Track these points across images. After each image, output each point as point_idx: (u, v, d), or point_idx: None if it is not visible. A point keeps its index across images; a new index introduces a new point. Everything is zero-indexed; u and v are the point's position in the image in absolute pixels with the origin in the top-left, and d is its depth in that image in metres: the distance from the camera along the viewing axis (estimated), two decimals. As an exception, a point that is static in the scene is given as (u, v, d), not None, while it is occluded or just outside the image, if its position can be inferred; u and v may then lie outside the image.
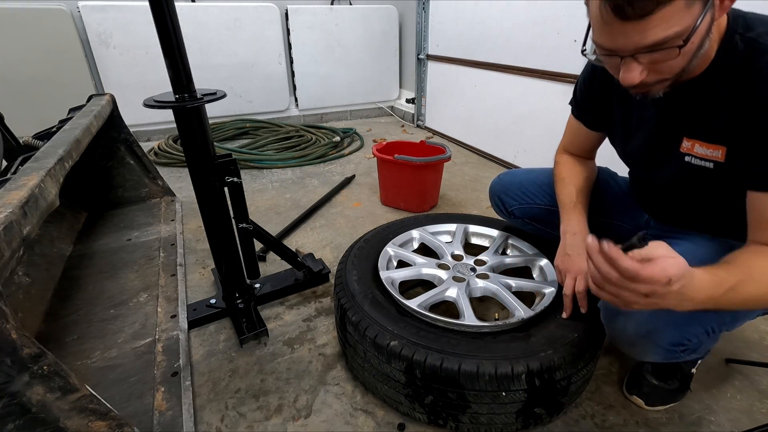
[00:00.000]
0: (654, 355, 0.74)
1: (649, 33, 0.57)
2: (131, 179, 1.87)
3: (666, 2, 0.54)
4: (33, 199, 0.74)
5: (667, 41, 0.57)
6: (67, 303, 1.22)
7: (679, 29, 0.57)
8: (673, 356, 0.74)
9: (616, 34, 0.59)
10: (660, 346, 0.72)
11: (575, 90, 1.00)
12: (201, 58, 2.88)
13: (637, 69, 0.62)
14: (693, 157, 0.74)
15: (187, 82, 0.93)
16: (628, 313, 0.74)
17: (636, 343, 0.74)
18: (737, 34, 0.65)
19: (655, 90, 0.67)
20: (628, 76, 0.62)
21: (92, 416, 0.62)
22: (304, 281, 1.37)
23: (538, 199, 1.15)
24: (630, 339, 0.75)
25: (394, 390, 0.90)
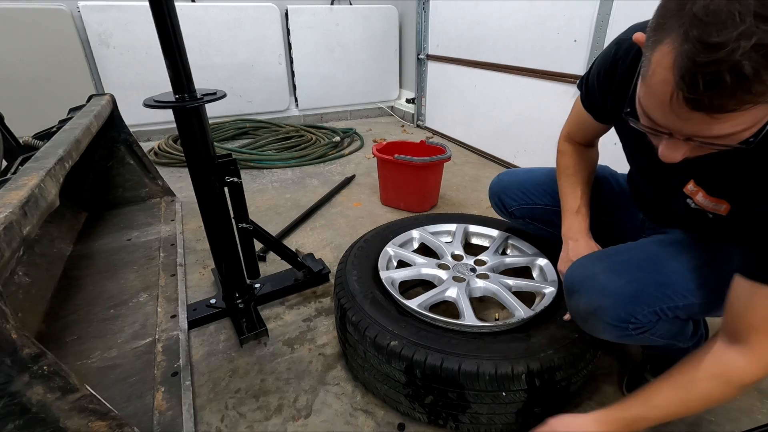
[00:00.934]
0: (604, 332, 0.77)
1: (716, 126, 0.48)
2: (131, 179, 1.87)
3: (751, 105, 0.45)
4: (33, 199, 0.74)
5: (728, 135, 0.49)
6: (67, 303, 1.22)
7: (748, 125, 0.48)
8: (624, 333, 0.75)
9: (677, 118, 0.50)
10: (607, 323, 0.74)
11: (587, 77, 0.93)
12: (201, 58, 2.88)
13: (682, 150, 0.55)
14: (691, 199, 0.73)
15: (187, 82, 0.93)
16: (580, 290, 0.78)
17: (587, 319, 0.78)
18: None
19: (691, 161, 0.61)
20: (670, 155, 0.56)
21: (92, 416, 0.62)
22: (304, 281, 1.37)
23: (539, 200, 1.15)
24: (582, 315, 0.78)
25: (394, 390, 0.90)
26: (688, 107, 0.48)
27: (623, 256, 0.79)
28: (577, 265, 0.82)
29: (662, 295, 0.73)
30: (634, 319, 0.73)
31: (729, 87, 0.43)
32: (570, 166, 1.03)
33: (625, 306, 0.72)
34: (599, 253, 0.84)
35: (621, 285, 0.73)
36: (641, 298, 0.72)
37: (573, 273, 0.82)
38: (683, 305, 0.74)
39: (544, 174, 1.17)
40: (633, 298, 0.72)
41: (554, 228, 1.16)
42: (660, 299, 0.73)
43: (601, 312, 0.74)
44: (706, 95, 0.45)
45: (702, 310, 0.77)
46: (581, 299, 0.78)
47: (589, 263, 0.80)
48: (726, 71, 0.43)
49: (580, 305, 0.78)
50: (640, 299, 0.72)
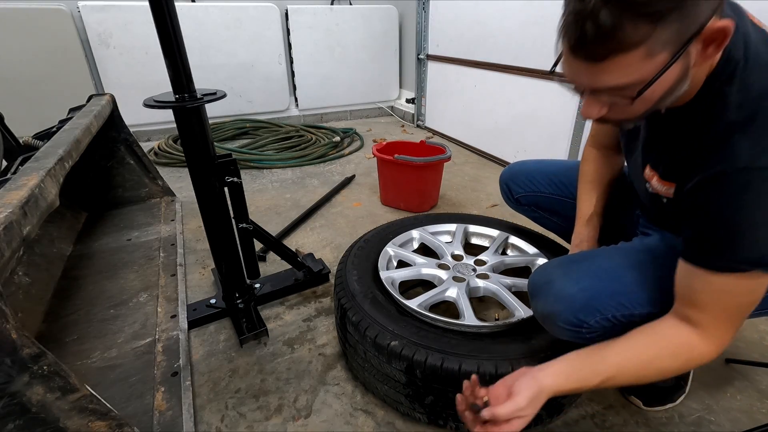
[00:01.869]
0: (560, 333, 0.79)
1: (601, 77, 0.55)
2: (131, 179, 1.87)
3: (620, 52, 0.50)
4: (33, 199, 0.74)
5: (621, 87, 0.55)
6: (67, 303, 1.22)
7: (636, 78, 0.53)
8: (577, 336, 0.77)
9: (572, 69, 0.58)
10: (560, 326, 0.77)
11: None
12: (201, 58, 2.88)
13: (596, 106, 0.61)
14: (650, 186, 0.75)
15: (187, 82, 0.93)
16: (539, 294, 0.81)
17: (545, 321, 0.81)
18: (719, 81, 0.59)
19: (625, 125, 0.68)
20: (587, 110, 0.62)
21: (92, 416, 0.62)
22: (304, 281, 1.37)
23: (544, 188, 1.16)
24: (540, 317, 0.82)
25: (394, 390, 0.90)
26: (571, 57, 0.56)
27: (583, 264, 0.81)
28: (540, 269, 0.86)
29: (616, 304, 0.74)
30: (586, 325, 0.75)
31: (593, 36, 0.50)
32: (589, 173, 1.05)
33: (576, 312, 0.75)
34: (562, 259, 0.86)
35: (574, 293, 0.76)
36: (592, 305, 0.74)
37: (535, 277, 0.85)
38: (639, 314, 0.74)
39: (554, 165, 1.18)
40: (584, 306, 0.75)
41: (558, 217, 1.17)
42: (613, 307, 0.74)
43: (554, 317, 0.78)
44: (579, 45, 0.53)
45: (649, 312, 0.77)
46: (539, 302, 0.82)
47: (550, 269, 0.83)
48: (588, 20, 0.50)
49: (538, 308, 0.82)
50: (591, 307, 0.74)
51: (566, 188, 1.13)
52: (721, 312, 0.63)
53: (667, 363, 0.66)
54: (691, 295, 0.64)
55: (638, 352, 0.67)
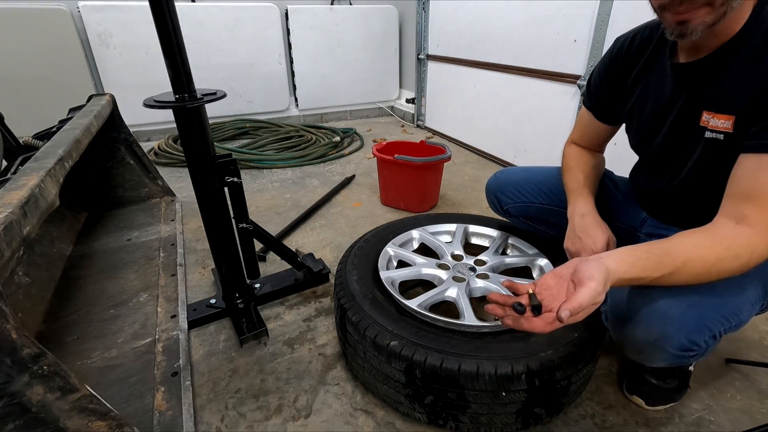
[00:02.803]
0: (662, 360, 0.73)
1: None
2: (131, 179, 1.87)
3: None
4: (33, 199, 0.74)
5: None
6: (67, 303, 1.22)
7: None
8: (681, 361, 0.73)
9: None
10: (669, 351, 0.70)
11: (589, 82, 1.01)
12: (201, 58, 2.88)
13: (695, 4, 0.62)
14: (708, 130, 0.74)
15: (187, 82, 0.93)
16: (636, 319, 0.72)
17: (644, 349, 0.73)
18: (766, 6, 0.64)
19: (696, 19, 0.65)
20: (687, 13, 0.63)
21: (92, 416, 0.62)
22: (304, 281, 1.37)
23: (534, 198, 1.16)
24: (639, 345, 0.73)
25: (394, 390, 0.90)
26: None
27: None
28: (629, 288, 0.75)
29: (720, 317, 0.70)
30: (696, 346, 0.69)
31: None
32: (574, 162, 1.05)
33: (690, 334, 0.68)
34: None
35: (683, 311, 0.68)
36: (703, 323, 0.69)
37: (624, 297, 0.75)
38: (735, 324, 0.72)
39: (540, 173, 1.18)
40: (697, 324, 0.68)
41: (548, 227, 1.17)
42: (719, 321, 0.70)
43: (663, 341, 0.69)
44: None
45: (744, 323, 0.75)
46: (637, 328, 0.72)
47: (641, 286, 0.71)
48: None
49: (637, 334, 0.72)
50: (701, 325, 0.68)
51: (555, 197, 1.12)
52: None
53: (728, 264, 0.64)
54: (754, 191, 0.64)
55: (704, 252, 0.65)
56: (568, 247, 0.97)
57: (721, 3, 0.63)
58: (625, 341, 0.77)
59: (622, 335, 0.77)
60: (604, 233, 0.92)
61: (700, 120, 0.75)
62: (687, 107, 0.78)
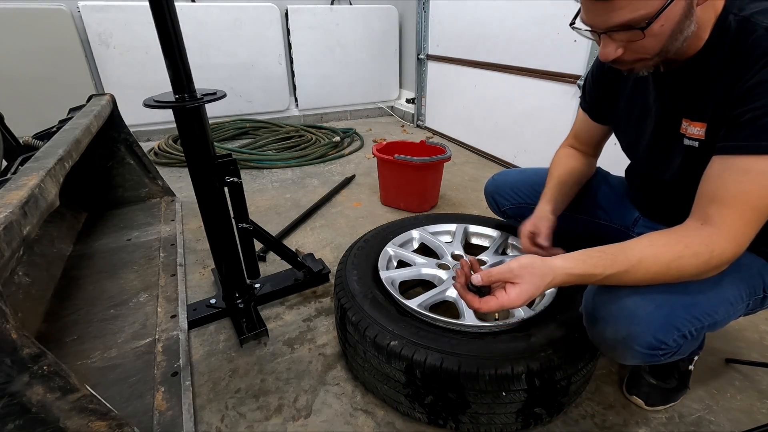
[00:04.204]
0: (633, 358, 0.73)
1: (614, 14, 0.61)
2: (131, 179, 1.87)
3: None
4: (33, 199, 0.74)
5: (632, 23, 0.61)
6: (67, 303, 1.22)
7: (645, 12, 0.60)
8: (652, 359, 0.73)
9: (590, 12, 0.65)
10: (637, 350, 0.71)
11: (584, 83, 1.03)
12: (201, 58, 2.88)
13: (612, 46, 0.66)
14: (686, 138, 0.75)
15: (187, 82, 0.93)
16: (605, 318, 0.73)
17: (615, 347, 0.73)
18: (731, 14, 0.65)
19: (638, 67, 0.70)
20: (604, 51, 0.67)
21: (92, 416, 0.62)
22: (304, 281, 1.37)
23: (529, 199, 1.17)
24: (609, 343, 0.74)
25: (394, 390, 0.90)
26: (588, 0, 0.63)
27: None
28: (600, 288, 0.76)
29: (690, 317, 0.70)
30: (664, 345, 0.70)
31: None
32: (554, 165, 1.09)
33: (656, 333, 0.69)
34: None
35: (651, 311, 0.69)
36: (671, 323, 0.69)
37: (595, 297, 0.76)
38: (708, 324, 0.72)
39: (536, 174, 1.19)
40: (663, 325, 0.69)
41: None
42: (689, 321, 0.70)
43: (630, 340, 0.70)
44: None
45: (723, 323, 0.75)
46: (607, 327, 0.73)
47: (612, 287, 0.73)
48: None
49: (606, 333, 0.73)
50: (669, 324, 0.69)
51: None
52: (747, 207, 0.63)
53: (687, 262, 0.65)
54: (720, 191, 0.65)
55: (660, 251, 0.66)
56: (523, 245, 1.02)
57: (656, 53, 0.66)
58: (597, 339, 0.78)
59: (594, 333, 0.78)
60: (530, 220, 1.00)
61: (680, 127, 0.76)
62: (667, 114, 0.79)
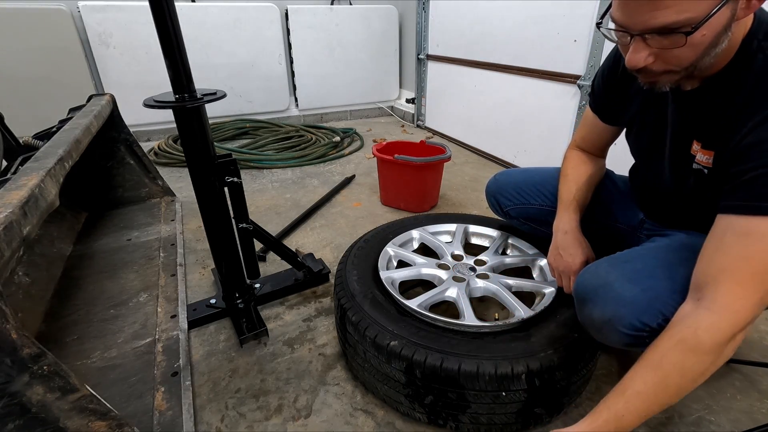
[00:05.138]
0: (618, 340, 0.75)
1: (659, 13, 0.57)
2: (131, 179, 1.87)
3: None
4: (33, 199, 0.74)
5: (676, 26, 0.57)
6: (67, 303, 1.22)
7: (691, 16, 0.56)
8: (637, 342, 0.74)
9: (627, 9, 0.60)
10: (621, 331, 0.73)
11: (593, 82, 1.00)
12: (201, 58, 2.87)
13: (645, 51, 0.62)
14: (695, 162, 0.75)
15: (187, 82, 0.93)
16: (594, 300, 0.77)
17: (602, 328, 0.76)
18: (756, 39, 0.63)
19: (662, 81, 0.67)
20: (634, 57, 0.63)
21: (92, 416, 0.62)
22: (304, 281, 1.37)
23: (533, 200, 1.16)
24: (596, 324, 0.77)
25: (394, 390, 0.90)
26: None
27: (636, 263, 0.78)
28: (590, 272, 0.80)
29: (675, 303, 0.71)
30: (648, 328, 0.71)
31: None
32: (571, 170, 1.06)
33: (640, 315, 0.71)
34: (609, 260, 0.82)
35: (636, 293, 0.72)
36: (655, 307, 0.71)
37: (585, 281, 0.80)
38: None
39: (539, 174, 1.18)
40: (648, 308, 0.71)
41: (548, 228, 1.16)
42: (673, 306, 0.71)
43: (615, 321, 0.73)
44: None
45: None
46: (595, 308, 0.76)
47: (602, 272, 0.78)
48: None
49: (594, 314, 0.77)
50: (654, 308, 0.71)
51: (554, 198, 1.12)
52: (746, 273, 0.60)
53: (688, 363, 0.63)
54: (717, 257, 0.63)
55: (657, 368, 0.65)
56: (550, 262, 1.02)
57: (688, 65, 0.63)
58: (585, 321, 0.81)
59: (582, 315, 0.81)
60: (584, 252, 0.97)
61: (691, 148, 0.76)
62: (681, 132, 0.78)
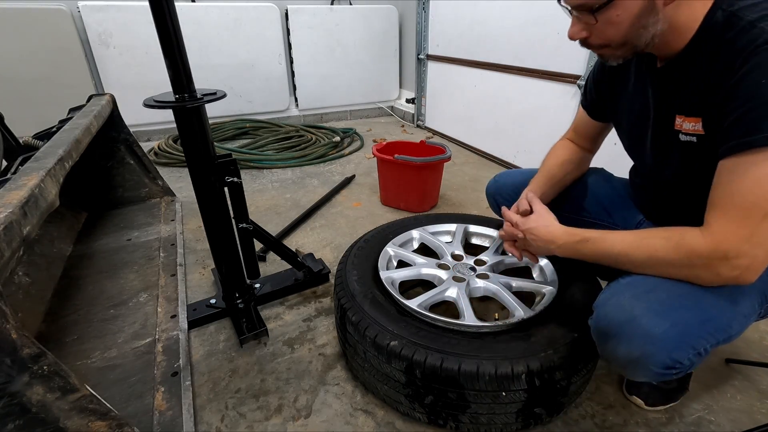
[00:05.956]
0: (645, 376, 0.71)
1: None
2: (131, 179, 1.87)
3: None
4: (33, 199, 0.74)
5: (586, 6, 0.66)
6: (67, 303, 1.22)
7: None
8: (664, 377, 0.71)
9: None
10: (651, 369, 0.69)
11: (586, 81, 1.05)
12: (201, 58, 2.88)
13: (577, 26, 0.72)
14: (682, 134, 0.75)
15: (187, 82, 0.93)
16: (618, 337, 0.71)
17: (627, 365, 0.72)
18: (720, 9, 0.66)
19: (606, 54, 0.75)
20: (570, 30, 0.73)
21: (92, 416, 0.62)
22: (304, 281, 1.37)
23: None
24: (621, 362, 0.72)
25: (394, 390, 0.90)
26: None
27: (660, 293, 0.70)
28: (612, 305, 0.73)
29: (705, 334, 0.68)
30: (679, 364, 0.68)
31: None
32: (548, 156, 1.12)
33: (671, 352, 0.67)
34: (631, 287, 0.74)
35: (665, 330, 0.66)
36: (686, 341, 0.67)
37: (608, 314, 0.73)
38: (723, 339, 0.70)
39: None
40: (679, 344, 0.67)
41: None
42: (704, 338, 0.68)
43: (645, 359, 0.68)
44: None
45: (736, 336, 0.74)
46: (620, 345, 0.70)
47: (626, 303, 0.71)
48: None
49: (619, 352, 0.71)
50: (684, 343, 0.67)
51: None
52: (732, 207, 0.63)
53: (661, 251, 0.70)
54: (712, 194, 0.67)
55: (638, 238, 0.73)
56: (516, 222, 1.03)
57: (619, 43, 0.70)
58: (608, 357, 0.76)
59: (605, 351, 0.76)
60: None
61: (674, 124, 0.76)
62: (661, 111, 0.79)
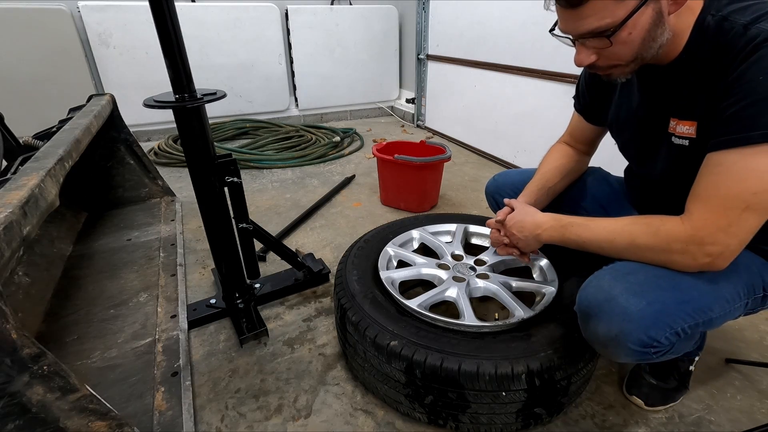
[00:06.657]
0: (626, 356, 0.73)
1: (582, 22, 0.65)
2: (131, 179, 1.87)
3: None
4: (33, 199, 0.74)
5: (599, 30, 0.65)
6: (67, 303, 1.22)
7: (611, 21, 0.63)
8: (645, 357, 0.72)
9: (562, 20, 0.69)
10: (629, 347, 0.70)
11: (577, 85, 1.05)
12: (201, 58, 2.88)
13: (585, 52, 0.71)
14: (675, 136, 0.76)
15: (187, 82, 0.93)
16: (598, 316, 0.73)
17: (607, 344, 0.74)
18: (710, 15, 0.67)
19: (615, 74, 0.74)
20: (577, 57, 0.72)
21: (92, 416, 0.62)
22: (304, 281, 1.37)
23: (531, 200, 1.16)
24: (602, 341, 0.74)
25: (394, 390, 0.90)
26: (559, 8, 0.67)
27: (639, 275, 0.73)
28: (593, 286, 0.76)
29: (684, 314, 0.69)
30: (656, 343, 0.69)
31: None
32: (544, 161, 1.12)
33: (647, 330, 0.69)
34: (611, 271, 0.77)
35: (642, 308, 0.69)
36: (662, 320, 0.69)
37: (588, 295, 0.76)
38: (703, 321, 0.71)
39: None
40: (655, 322, 0.69)
41: None
42: (682, 318, 0.69)
43: (622, 337, 0.70)
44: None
45: (719, 321, 0.74)
46: (600, 324, 0.73)
47: (606, 284, 0.74)
48: None
49: (599, 331, 0.73)
50: (661, 322, 0.69)
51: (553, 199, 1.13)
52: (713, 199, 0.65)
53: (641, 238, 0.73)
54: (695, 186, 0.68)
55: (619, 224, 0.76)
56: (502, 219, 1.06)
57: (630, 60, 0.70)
58: (590, 337, 0.78)
59: (587, 331, 0.78)
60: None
61: (668, 126, 0.77)
62: (655, 114, 0.80)
